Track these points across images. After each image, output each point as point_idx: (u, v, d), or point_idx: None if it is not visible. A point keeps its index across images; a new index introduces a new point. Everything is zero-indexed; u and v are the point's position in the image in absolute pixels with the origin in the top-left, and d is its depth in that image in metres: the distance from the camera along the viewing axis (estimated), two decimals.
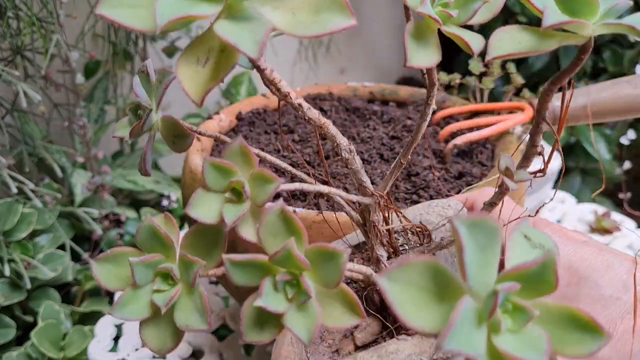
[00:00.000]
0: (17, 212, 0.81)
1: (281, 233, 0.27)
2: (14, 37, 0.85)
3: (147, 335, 0.29)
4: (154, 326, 0.29)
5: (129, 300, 0.29)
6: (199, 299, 0.29)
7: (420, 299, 0.22)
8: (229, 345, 0.60)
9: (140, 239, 0.30)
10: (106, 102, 1.07)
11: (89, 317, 0.86)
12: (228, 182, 0.30)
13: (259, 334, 0.28)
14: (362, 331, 0.34)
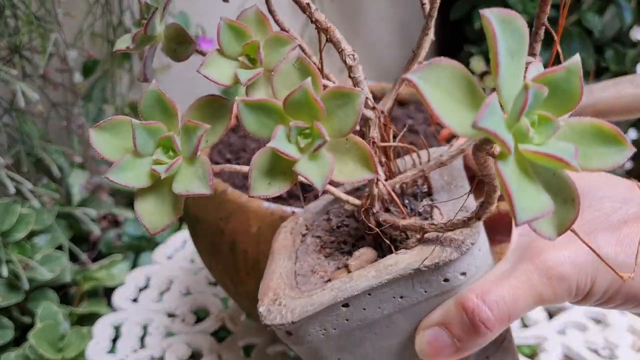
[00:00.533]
0: (15, 212, 0.80)
1: (296, 84, 0.26)
2: (12, 36, 0.84)
3: (143, 209, 0.28)
4: (152, 198, 0.28)
5: (128, 166, 0.28)
6: (201, 167, 0.27)
7: (449, 101, 0.21)
8: (228, 347, 0.59)
9: (144, 106, 0.28)
10: (104, 101, 1.06)
11: (87, 318, 0.85)
12: (242, 45, 0.29)
13: (268, 187, 0.27)
14: (356, 259, 0.33)
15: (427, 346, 0.30)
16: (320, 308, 0.30)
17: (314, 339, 0.31)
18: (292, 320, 0.30)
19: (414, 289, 0.30)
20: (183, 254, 0.74)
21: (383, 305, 0.30)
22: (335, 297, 0.30)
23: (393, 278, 0.30)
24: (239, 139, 0.55)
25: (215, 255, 0.47)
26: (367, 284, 0.30)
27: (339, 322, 0.31)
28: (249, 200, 0.43)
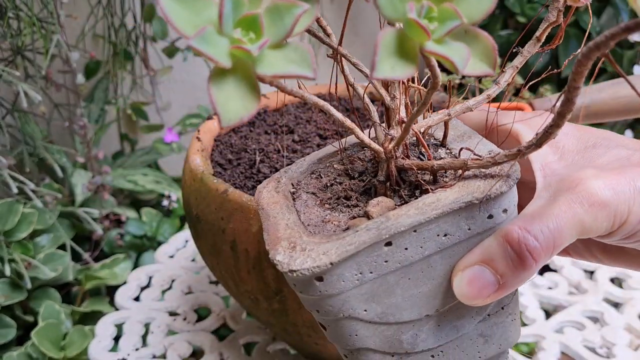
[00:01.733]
0: (17, 212, 0.81)
1: None
2: (15, 37, 0.85)
3: (220, 94, 0.24)
4: (230, 82, 0.24)
5: (210, 39, 0.23)
6: (296, 50, 0.24)
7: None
8: (229, 345, 0.60)
9: None
10: (107, 102, 1.07)
11: (89, 317, 0.86)
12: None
13: (392, 69, 0.24)
14: (375, 206, 0.31)
15: (467, 286, 0.30)
16: (363, 246, 0.29)
17: (347, 286, 0.30)
18: (331, 262, 0.28)
19: (459, 225, 0.30)
20: (184, 253, 0.75)
21: (425, 245, 0.30)
22: (379, 234, 0.29)
23: (442, 212, 0.29)
24: (240, 140, 0.56)
25: (216, 255, 0.47)
26: (413, 220, 0.29)
27: (377, 263, 0.29)
28: (250, 199, 0.43)
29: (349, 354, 0.33)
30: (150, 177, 1.04)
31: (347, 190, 0.35)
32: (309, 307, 0.32)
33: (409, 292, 0.31)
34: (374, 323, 0.31)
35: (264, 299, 0.46)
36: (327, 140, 0.54)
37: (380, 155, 0.33)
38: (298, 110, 0.61)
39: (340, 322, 0.31)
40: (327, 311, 0.31)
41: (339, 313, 0.31)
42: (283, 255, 0.30)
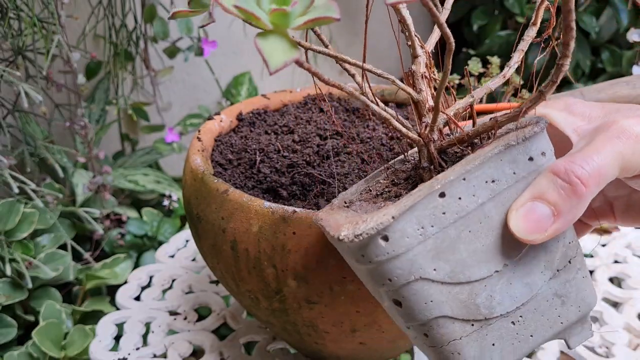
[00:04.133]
0: (18, 211, 0.81)
1: None
2: (16, 37, 0.85)
3: (267, 46, 0.29)
4: (272, 37, 0.30)
5: (251, 6, 0.30)
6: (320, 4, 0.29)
7: None
8: (230, 345, 0.60)
9: None
10: (107, 102, 1.07)
11: (90, 317, 0.86)
12: None
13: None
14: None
15: (523, 221, 0.31)
16: (419, 199, 0.30)
17: (412, 242, 0.30)
18: (392, 215, 0.30)
19: (504, 170, 0.31)
20: (185, 253, 0.75)
21: (477, 192, 0.31)
22: (432, 186, 0.30)
23: (484, 159, 0.31)
24: (240, 140, 0.56)
25: (216, 254, 0.47)
26: (460, 169, 0.31)
27: (436, 216, 0.31)
28: (251, 199, 0.44)
29: (428, 330, 0.33)
30: (151, 177, 1.04)
31: (397, 192, 0.36)
32: (380, 281, 0.32)
33: (472, 246, 0.32)
34: (446, 284, 0.32)
35: (264, 298, 0.46)
36: (327, 140, 0.54)
37: (419, 143, 0.35)
38: (298, 110, 0.61)
39: (413, 287, 0.31)
40: (397, 276, 0.31)
41: (409, 276, 0.31)
42: (347, 230, 0.31)
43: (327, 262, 0.42)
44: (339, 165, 0.50)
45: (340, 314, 0.45)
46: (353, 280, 0.42)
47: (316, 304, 0.44)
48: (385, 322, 0.46)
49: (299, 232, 0.42)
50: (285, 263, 0.43)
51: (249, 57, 1.32)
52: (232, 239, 0.45)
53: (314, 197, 0.47)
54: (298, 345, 0.55)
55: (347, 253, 0.33)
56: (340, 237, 0.31)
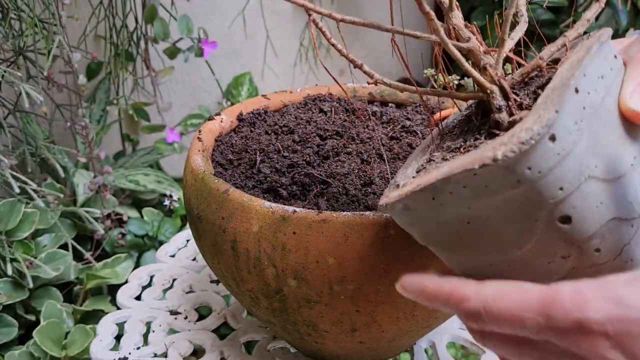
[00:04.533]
0: (19, 211, 0.82)
1: None
2: (17, 38, 0.85)
3: None
4: None
5: None
6: None
7: None
8: (230, 344, 0.60)
9: None
10: (108, 102, 1.07)
11: (90, 316, 0.86)
12: None
13: None
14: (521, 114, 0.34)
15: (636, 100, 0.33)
16: (564, 92, 0.30)
17: (575, 138, 0.29)
18: (556, 109, 0.29)
19: (604, 67, 0.33)
20: (186, 253, 0.75)
21: (597, 87, 0.32)
22: (564, 82, 0.31)
23: (589, 56, 0.32)
24: (241, 140, 0.56)
25: (217, 254, 0.48)
26: (573, 70, 0.31)
27: (580, 110, 0.30)
28: (251, 199, 0.44)
29: (600, 241, 0.31)
30: (152, 177, 1.04)
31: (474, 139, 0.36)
32: (548, 196, 0.29)
33: (610, 139, 0.32)
34: (606, 181, 0.31)
35: (264, 298, 0.46)
36: (327, 140, 0.54)
37: (487, 85, 0.35)
38: (298, 110, 0.61)
39: (584, 190, 0.30)
40: (570, 180, 0.29)
41: (580, 176, 0.29)
42: (504, 146, 0.28)
43: (327, 262, 0.42)
44: (339, 165, 0.50)
45: (340, 314, 0.45)
46: (353, 280, 0.42)
47: (316, 304, 0.44)
48: (385, 321, 0.46)
49: (299, 232, 0.42)
50: (285, 263, 0.43)
51: (249, 58, 1.32)
52: (232, 239, 0.45)
53: (314, 197, 0.47)
54: (298, 344, 0.55)
55: (498, 181, 0.29)
56: (498, 156, 0.28)
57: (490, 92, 0.35)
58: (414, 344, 0.59)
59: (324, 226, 0.41)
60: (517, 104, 0.34)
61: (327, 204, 0.46)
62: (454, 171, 0.29)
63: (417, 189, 0.31)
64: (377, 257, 0.42)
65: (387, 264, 0.42)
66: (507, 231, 0.30)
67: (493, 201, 0.30)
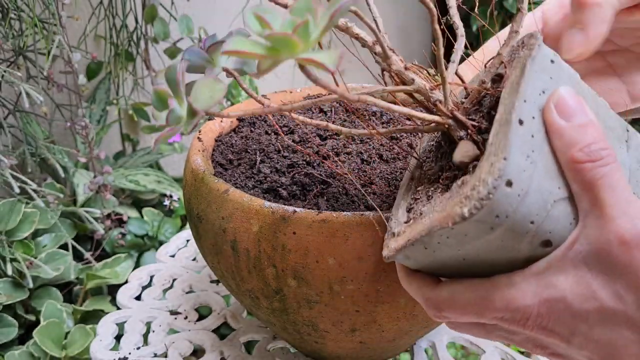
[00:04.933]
0: (19, 211, 0.82)
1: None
2: (16, 38, 0.85)
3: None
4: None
5: None
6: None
7: None
8: (230, 344, 0.60)
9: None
10: (108, 102, 1.07)
11: (90, 316, 0.86)
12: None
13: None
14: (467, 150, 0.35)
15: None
16: (509, 133, 0.30)
17: (530, 172, 0.30)
18: (504, 157, 0.30)
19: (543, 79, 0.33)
20: (185, 253, 0.75)
21: (542, 106, 0.32)
22: (507, 119, 0.31)
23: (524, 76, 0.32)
24: (241, 140, 0.56)
25: (217, 254, 0.48)
26: (514, 97, 0.32)
27: (529, 141, 0.31)
28: (251, 199, 0.44)
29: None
30: (152, 177, 1.04)
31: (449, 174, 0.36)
32: (522, 230, 0.31)
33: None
34: (572, 197, 0.32)
35: (264, 297, 0.46)
36: (326, 140, 0.54)
37: (442, 121, 0.36)
38: (298, 110, 0.61)
39: (554, 214, 0.31)
40: (537, 212, 0.31)
41: (546, 204, 0.31)
42: (466, 204, 0.30)
43: (327, 262, 0.42)
44: (339, 165, 0.50)
45: (340, 314, 0.45)
46: (353, 280, 0.42)
47: (316, 304, 0.44)
48: (385, 321, 0.46)
49: (299, 232, 0.42)
50: (285, 263, 0.43)
51: None
52: (232, 239, 0.45)
53: (314, 197, 0.47)
54: (298, 344, 0.55)
55: (473, 231, 0.31)
56: (465, 214, 0.30)
57: (448, 125, 0.36)
58: (414, 344, 0.59)
59: (324, 226, 0.41)
60: (476, 129, 0.35)
61: (327, 204, 0.46)
62: (433, 227, 0.32)
63: (408, 244, 0.34)
64: (377, 257, 0.42)
65: (387, 264, 0.42)
66: (499, 261, 0.33)
67: (477, 244, 0.32)
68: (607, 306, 0.30)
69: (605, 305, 0.30)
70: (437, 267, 0.36)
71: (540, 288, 0.31)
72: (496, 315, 0.33)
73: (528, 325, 0.32)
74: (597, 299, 0.30)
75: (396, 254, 0.36)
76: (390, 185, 0.48)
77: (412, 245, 0.34)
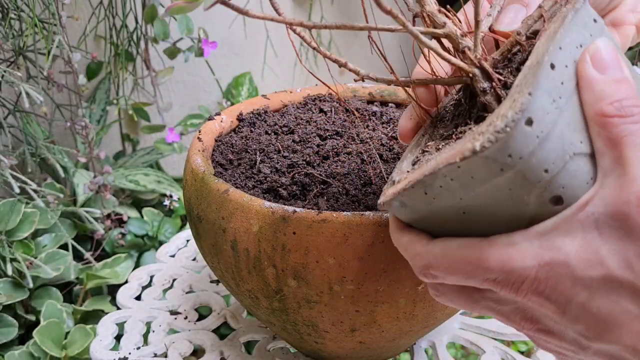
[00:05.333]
0: (19, 211, 0.82)
1: None
2: (17, 38, 0.86)
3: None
4: None
5: None
6: None
7: None
8: (230, 344, 0.60)
9: None
10: (108, 102, 1.07)
11: (90, 316, 0.86)
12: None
13: None
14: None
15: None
16: (539, 71, 0.29)
17: (553, 117, 0.28)
18: (529, 92, 0.28)
19: (583, 34, 0.32)
20: (185, 253, 0.75)
21: (576, 58, 0.31)
22: (538, 60, 0.30)
23: (565, 25, 0.31)
24: (241, 140, 0.56)
25: (217, 254, 0.48)
26: (550, 44, 0.30)
27: (558, 87, 0.29)
28: (251, 199, 0.44)
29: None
30: (152, 177, 1.04)
31: (463, 124, 0.35)
32: (534, 178, 0.29)
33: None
34: (593, 156, 0.30)
35: (264, 297, 0.46)
36: (326, 140, 0.54)
37: (468, 68, 0.34)
38: (298, 110, 0.61)
39: (571, 168, 0.29)
40: (554, 161, 0.29)
41: (564, 155, 0.29)
42: (481, 137, 0.28)
43: (327, 262, 0.42)
44: (339, 165, 0.50)
45: (340, 314, 0.45)
46: (353, 280, 0.42)
47: (316, 304, 0.44)
48: (385, 321, 0.46)
49: (299, 232, 0.42)
50: (285, 263, 0.43)
51: (249, 58, 1.32)
52: (232, 239, 0.45)
53: (314, 197, 0.47)
54: (298, 344, 0.55)
55: (481, 172, 0.29)
56: (477, 147, 0.28)
57: (473, 75, 0.34)
58: (414, 344, 0.59)
59: (324, 226, 0.41)
60: (501, 84, 0.33)
61: (327, 204, 0.46)
62: (439, 166, 0.30)
63: (408, 186, 0.31)
64: (377, 257, 0.42)
65: (387, 264, 0.42)
66: (502, 216, 0.31)
67: (482, 190, 0.30)
68: (614, 274, 0.28)
69: (613, 273, 0.28)
70: (434, 221, 0.33)
71: (542, 250, 0.29)
72: (489, 277, 0.30)
73: (522, 289, 0.30)
74: (604, 265, 0.28)
75: (392, 199, 0.33)
76: None
77: (412, 188, 0.31)
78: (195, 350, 0.61)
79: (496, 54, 0.35)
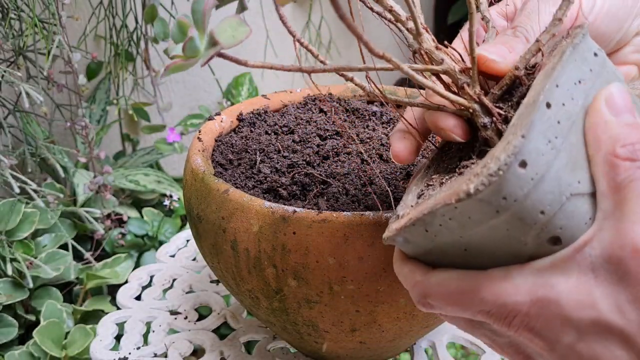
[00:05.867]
0: (19, 211, 0.82)
1: None
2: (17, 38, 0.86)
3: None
4: None
5: None
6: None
7: None
8: (230, 344, 0.60)
9: None
10: (108, 102, 1.07)
11: (90, 316, 0.86)
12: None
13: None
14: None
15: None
16: (533, 113, 0.28)
17: (549, 158, 0.28)
18: (522, 135, 0.27)
19: (583, 69, 0.31)
20: (185, 253, 0.75)
21: (574, 95, 0.30)
22: (534, 99, 0.29)
23: (562, 62, 0.31)
24: (241, 140, 0.56)
25: (217, 254, 0.48)
26: (547, 79, 0.30)
27: (554, 126, 0.29)
28: (251, 199, 0.44)
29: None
30: (152, 177, 1.04)
31: (465, 161, 0.35)
32: (531, 220, 0.29)
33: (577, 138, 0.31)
34: (593, 195, 0.30)
35: (264, 298, 0.46)
36: (326, 140, 0.54)
37: (467, 104, 0.34)
38: (298, 110, 0.61)
39: (569, 209, 0.29)
40: (550, 203, 0.28)
41: (561, 196, 0.29)
42: (474, 180, 0.28)
43: (327, 262, 0.42)
44: (339, 165, 0.50)
45: (340, 314, 0.45)
46: (353, 280, 0.42)
47: (316, 304, 0.44)
48: (385, 321, 0.46)
49: (299, 232, 0.42)
50: (285, 263, 0.43)
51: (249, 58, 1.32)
52: (232, 239, 0.45)
53: (314, 197, 0.47)
54: (298, 344, 0.55)
55: (478, 214, 0.29)
56: (470, 190, 0.28)
57: (473, 110, 0.34)
58: (414, 344, 0.59)
59: (324, 226, 0.41)
60: (502, 118, 0.33)
61: (327, 204, 0.46)
62: (436, 205, 0.30)
63: (409, 223, 0.32)
64: (377, 257, 0.42)
65: (387, 264, 0.42)
66: (502, 255, 0.31)
67: (480, 230, 0.30)
68: (604, 318, 0.28)
69: (603, 317, 0.28)
70: (437, 256, 0.33)
71: (535, 286, 0.29)
72: (482, 309, 0.31)
73: (514, 324, 0.30)
74: (595, 308, 0.28)
75: (396, 235, 0.33)
76: (390, 185, 0.48)
77: (413, 225, 0.31)
78: (195, 350, 0.61)
79: (496, 89, 0.35)
